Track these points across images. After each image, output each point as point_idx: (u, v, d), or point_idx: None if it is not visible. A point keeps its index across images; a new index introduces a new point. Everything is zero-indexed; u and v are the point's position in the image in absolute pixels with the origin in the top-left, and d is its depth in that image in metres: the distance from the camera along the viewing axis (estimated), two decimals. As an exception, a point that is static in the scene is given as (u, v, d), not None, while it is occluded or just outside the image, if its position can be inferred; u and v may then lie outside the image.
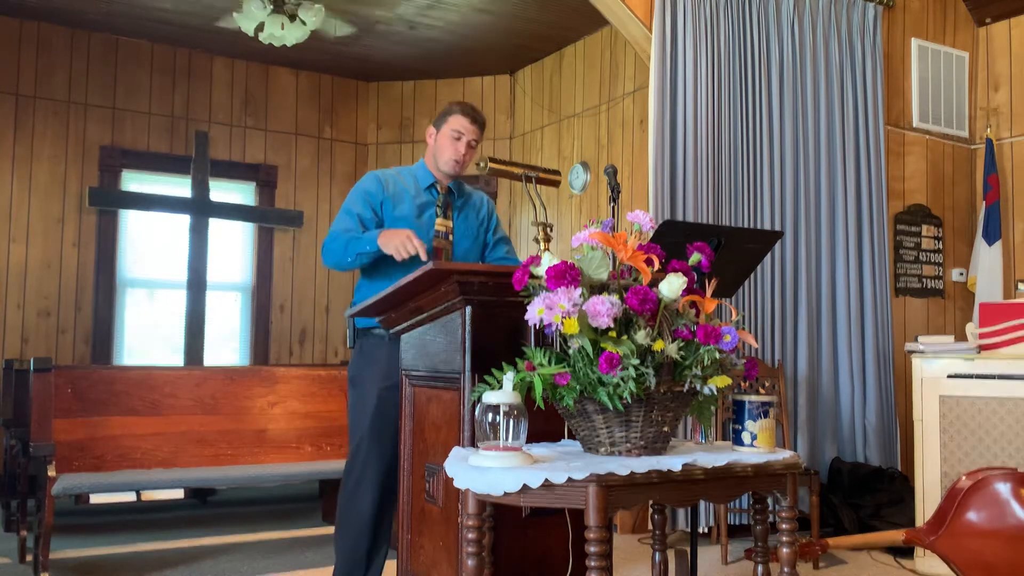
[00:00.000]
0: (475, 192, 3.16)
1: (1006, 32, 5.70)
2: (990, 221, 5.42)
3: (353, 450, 2.84)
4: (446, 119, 2.97)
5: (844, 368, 4.85)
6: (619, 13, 4.55)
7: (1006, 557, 2.91)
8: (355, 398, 2.88)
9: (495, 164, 2.68)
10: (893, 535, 3.43)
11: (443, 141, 2.96)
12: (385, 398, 2.77)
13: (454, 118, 2.95)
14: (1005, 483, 2.97)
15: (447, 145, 2.95)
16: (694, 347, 1.88)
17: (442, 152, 2.96)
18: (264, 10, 5.19)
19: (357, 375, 2.89)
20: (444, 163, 2.96)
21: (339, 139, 7.38)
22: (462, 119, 2.95)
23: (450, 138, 2.94)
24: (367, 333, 2.89)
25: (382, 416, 2.77)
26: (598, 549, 1.72)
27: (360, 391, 2.85)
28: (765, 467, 1.94)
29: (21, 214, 6.14)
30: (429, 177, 3.01)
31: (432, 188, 3.00)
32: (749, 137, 4.68)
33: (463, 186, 3.12)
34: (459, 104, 2.99)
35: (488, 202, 3.18)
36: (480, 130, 2.99)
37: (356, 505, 2.79)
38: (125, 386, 4.25)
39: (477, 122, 2.97)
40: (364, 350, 2.89)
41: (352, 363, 2.94)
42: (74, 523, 4.96)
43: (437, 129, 3.00)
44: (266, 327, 6.99)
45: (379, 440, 2.78)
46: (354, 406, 2.88)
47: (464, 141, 2.94)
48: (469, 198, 3.11)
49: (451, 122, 2.95)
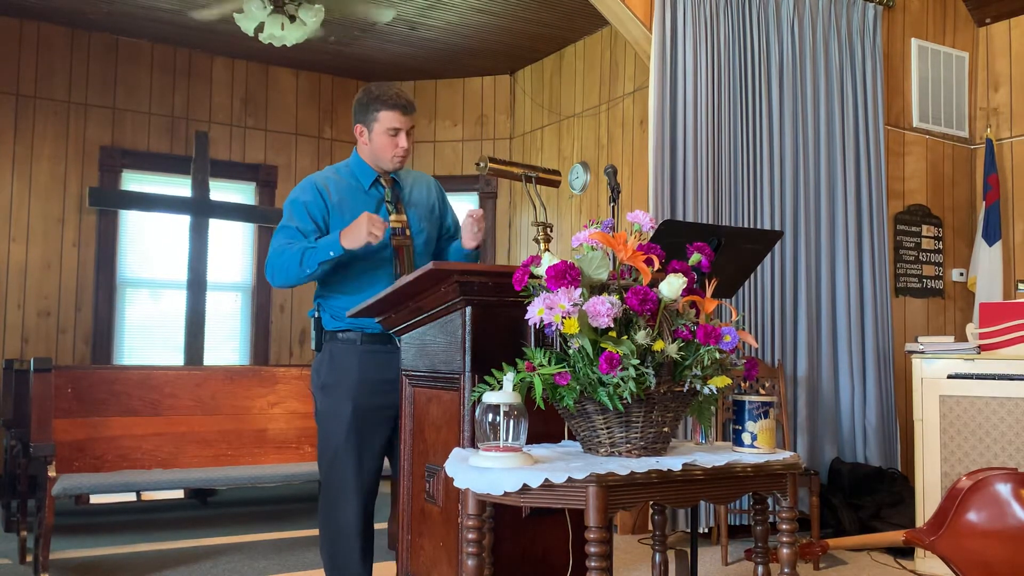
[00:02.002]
0: (418, 177, 2.96)
1: (1006, 32, 5.70)
2: (990, 221, 5.42)
3: (329, 460, 2.74)
4: (374, 116, 2.73)
5: (844, 368, 4.85)
6: (619, 13, 4.55)
7: (1006, 557, 2.91)
8: (327, 406, 2.75)
9: (495, 164, 2.67)
10: (893, 536, 3.43)
11: (379, 140, 2.74)
12: (360, 408, 2.68)
13: (383, 115, 2.72)
14: (1005, 483, 2.97)
15: (386, 144, 2.74)
16: (694, 347, 1.88)
17: (382, 152, 2.75)
18: (264, 10, 5.19)
19: (328, 383, 2.74)
20: (387, 162, 2.77)
21: (339, 139, 7.38)
22: (393, 114, 2.72)
23: (387, 137, 2.73)
24: (334, 337, 2.77)
25: (358, 427, 2.68)
26: (598, 549, 1.72)
27: (333, 400, 2.72)
28: (765, 467, 1.94)
29: (21, 214, 6.14)
30: (370, 173, 2.81)
31: (376, 184, 2.82)
32: (749, 137, 4.68)
33: (404, 173, 2.90)
34: (382, 96, 2.73)
35: (433, 184, 2.98)
36: (414, 114, 2.77)
37: (338, 516, 2.71)
38: (125, 386, 4.25)
39: (409, 110, 2.75)
40: (335, 356, 2.75)
41: (320, 368, 2.78)
42: (74, 523, 4.95)
43: (367, 128, 2.76)
44: (266, 327, 6.99)
45: (357, 451, 2.68)
46: (326, 415, 2.75)
47: (403, 135, 2.74)
48: (415, 185, 2.91)
49: (382, 119, 2.72)
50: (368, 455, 2.72)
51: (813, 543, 3.51)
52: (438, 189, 3.00)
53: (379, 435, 2.74)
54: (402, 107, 2.73)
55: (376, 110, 2.74)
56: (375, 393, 2.70)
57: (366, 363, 2.71)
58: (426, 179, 2.99)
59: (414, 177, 2.95)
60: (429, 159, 7.29)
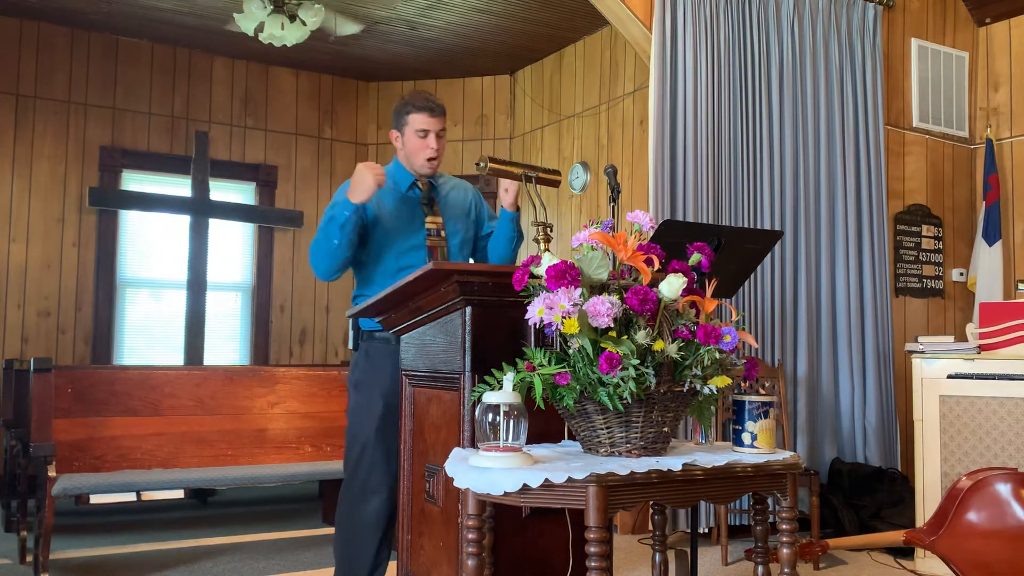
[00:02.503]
0: (457, 183, 3.06)
1: (1006, 32, 5.70)
2: (990, 221, 5.42)
3: (356, 457, 2.78)
4: (405, 119, 2.86)
5: (844, 368, 4.85)
6: (619, 13, 4.56)
7: (1006, 557, 2.91)
8: (358, 403, 2.81)
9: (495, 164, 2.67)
10: (893, 536, 3.43)
11: (411, 143, 2.86)
12: (392, 406, 2.71)
13: (413, 117, 2.85)
14: (1005, 483, 2.97)
15: (417, 146, 2.85)
16: (694, 347, 1.88)
17: (415, 155, 2.87)
18: (264, 10, 5.19)
19: (362, 380, 2.82)
20: (420, 165, 2.88)
21: (339, 139, 7.38)
22: (422, 116, 2.84)
23: (417, 138, 2.85)
24: (372, 336, 2.84)
25: (389, 424, 2.72)
26: (598, 549, 1.72)
27: (365, 397, 2.79)
28: (765, 467, 1.94)
29: (21, 214, 6.14)
30: (408, 176, 2.92)
31: (414, 187, 2.92)
32: (749, 137, 4.68)
33: (443, 178, 3.02)
34: (413, 100, 2.87)
35: (472, 190, 3.07)
36: (443, 118, 2.88)
37: (361, 513, 2.73)
38: (125, 386, 4.25)
39: (437, 112, 2.86)
40: (370, 355, 2.82)
41: (356, 367, 2.86)
42: (74, 523, 4.96)
43: (400, 132, 2.90)
44: (266, 327, 6.99)
45: (385, 449, 2.72)
46: (356, 411, 2.81)
47: (432, 136, 2.84)
48: (453, 190, 3.02)
49: (412, 122, 2.85)
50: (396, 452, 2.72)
51: (813, 543, 3.51)
52: (476, 195, 3.09)
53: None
54: (430, 109, 2.85)
55: (407, 113, 2.86)
56: None
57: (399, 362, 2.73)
58: (465, 185, 3.09)
59: (453, 183, 3.06)
60: (429, 159, 7.28)
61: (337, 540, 2.83)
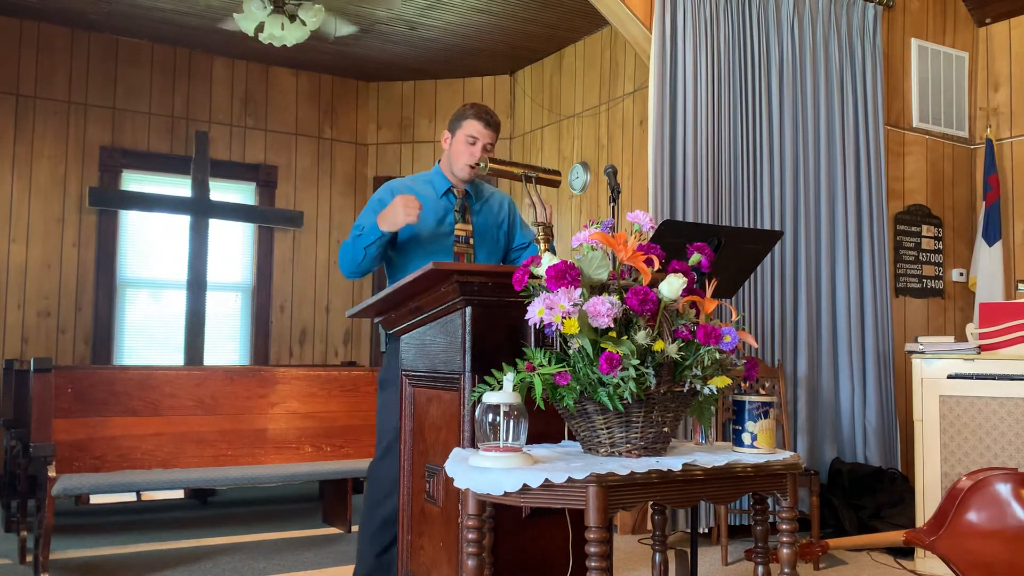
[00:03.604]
0: (495, 193, 3.13)
1: (1006, 32, 5.70)
2: (990, 221, 5.42)
3: (382, 452, 2.82)
4: (460, 123, 2.95)
5: (844, 368, 4.85)
6: (619, 13, 4.55)
7: (1006, 558, 2.91)
8: (382, 401, 2.86)
9: (495, 164, 2.67)
10: (893, 536, 3.43)
11: (458, 146, 2.95)
12: None
13: (468, 123, 2.93)
14: (1005, 483, 2.97)
15: (462, 151, 2.94)
16: (694, 347, 1.88)
17: (457, 157, 2.95)
18: (264, 10, 5.19)
19: (385, 378, 2.87)
20: (459, 169, 2.95)
21: (339, 139, 7.38)
22: (476, 123, 2.93)
23: (465, 143, 2.93)
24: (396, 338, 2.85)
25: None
26: (598, 549, 1.72)
27: (388, 395, 2.82)
28: (765, 467, 1.94)
29: (21, 214, 6.14)
30: (445, 183, 3.00)
31: (449, 193, 2.99)
32: (749, 137, 4.68)
33: (481, 188, 3.09)
34: (473, 108, 2.97)
35: (508, 203, 3.14)
36: (495, 133, 2.96)
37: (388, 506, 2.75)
38: (125, 386, 4.25)
39: (491, 125, 2.95)
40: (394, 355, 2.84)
41: (382, 366, 2.94)
42: (74, 523, 4.96)
43: (452, 134, 2.98)
44: (266, 327, 6.99)
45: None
46: (381, 409, 2.86)
47: (479, 145, 2.92)
48: (488, 200, 3.09)
49: (465, 127, 2.93)
50: None
51: (813, 543, 3.51)
52: (511, 207, 3.15)
53: None
54: (486, 120, 2.94)
55: (464, 118, 2.96)
56: None
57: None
58: (502, 198, 3.14)
59: (490, 193, 3.12)
60: (430, 159, 7.29)
61: (362, 533, 2.85)
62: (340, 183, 7.33)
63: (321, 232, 7.21)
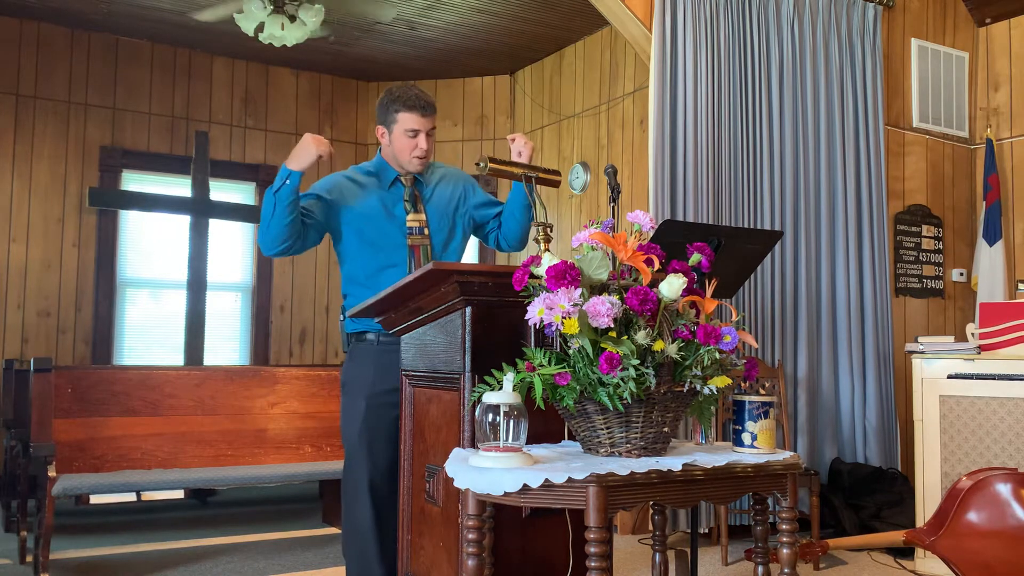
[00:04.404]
0: (447, 174, 2.94)
1: (1006, 32, 5.70)
2: (990, 221, 5.42)
3: (346, 459, 2.79)
4: (394, 117, 2.75)
5: (844, 368, 4.85)
6: (619, 13, 4.55)
7: (1006, 558, 2.91)
8: (344, 405, 2.82)
9: (495, 164, 2.66)
10: (893, 536, 3.43)
11: (399, 142, 2.76)
12: (373, 406, 2.71)
13: (403, 116, 2.74)
14: (1006, 483, 2.97)
15: (406, 146, 2.76)
16: (694, 347, 1.88)
17: (402, 153, 2.77)
18: (264, 10, 5.19)
19: (347, 381, 2.82)
20: (408, 163, 2.79)
21: (339, 139, 7.38)
22: (412, 115, 2.73)
23: (406, 138, 2.75)
24: (357, 339, 2.82)
25: (369, 424, 2.71)
26: (598, 550, 1.72)
27: (350, 398, 2.79)
28: (765, 467, 1.94)
29: (21, 214, 6.14)
30: (391, 172, 2.83)
31: (396, 182, 2.83)
32: (749, 137, 4.68)
33: (430, 171, 2.90)
34: (402, 97, 2.74)
35: (463, 180, 2.96)
36: (434, 116, 2.77)
37: (355, 513, 2.74)
38: (125, 386, 4.25)
39: (428, 111, 2.75)
40: (354, 356, 2.82)
41: (343, 368, 2.87)
42: (74, 523, 4.96)
43: (387, 128, 2.78)
44: (266, 327, 6.99)
45: (369, 449, 2.71)
46: (344, 414, 2.82)
47: (422, 136, 2.75)
48: (440, 184, 2.90)
49: (401, 121, 2.74)
50: (381, 453, 2.71)
51: (813, 543, 3.50)
52: (467, 185, 2.97)
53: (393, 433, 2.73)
54: (421, 108, 2.74)
55: (396, 111, 2.76)
56: (389, 392, 2.70)
57: (381, 363, 2.72)
58: (455, 176, 2.97)
59: (441, 175, 2.94)
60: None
61: (343, 538, 2.85)
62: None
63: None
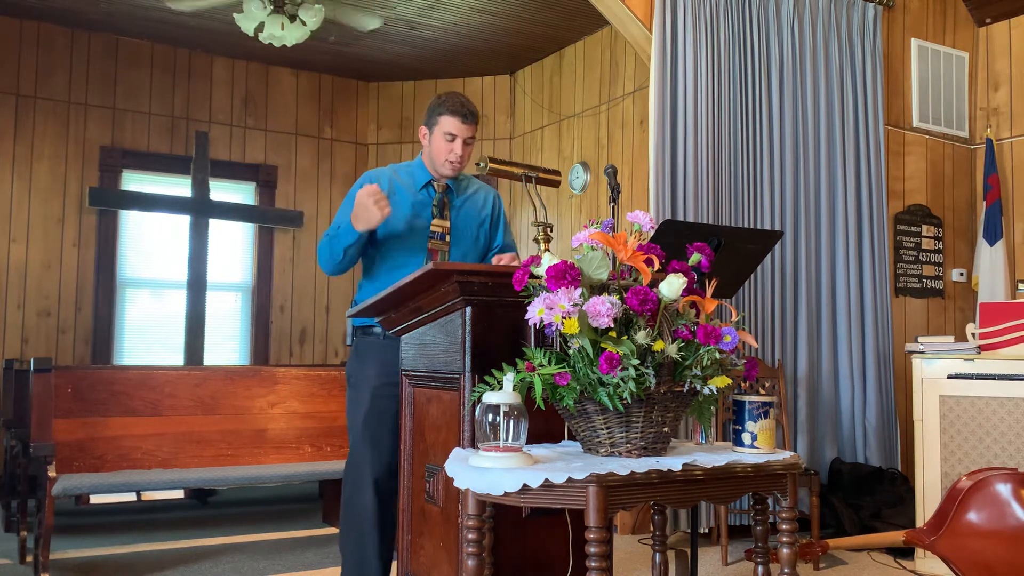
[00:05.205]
0: (481, 188, 3.03)
1: (1006, 32, 5.70)
2: (991, 221, 5.42)
3: (350, 451, 2.83)
4: (436, 120, 2.84)
5: (844, 368, 4.85)
6: (619, 13, 4.55)
7: (1006, 558, 2.91)
8: (350, 399, 2.86)
9: (495, 164, 2.67)
10: (893, 536, 3.43)
11: (437, 144, 2.84)
12: (378, 398, 2.75)
13: (444, 119, 2.82)
14: (1006, 483, 2.97)
15: (442, 149, 2.83)
16: (694, 347, 1.88)
17: (438, 156, 2.85)
18: (264, 10, 5.19)
19: (352, 375, 2.87)
20: (441, 166, 2.85)
21: (339, 139, 7.38)
22: (453, 120, 2.81)
23: (443, 141, 2.82)
24: (364, 332, 2.87)
25: (375, 417, 2.75)
26: (598, 549, 1.72)
27: (355, 391, 2.84)
28: (765, 467, 1.94)
29: (21, 214, 6.14)
30: (426, 175, 2.91)
31: (429, 186, 2.90)
32: (749, 137, 4.68)
33: (467, 183, 3.00)
34: (447, 102, 2.84)
35: (495, 200, 3.04)
36: (474, 126, 2.85)
37: (356, 507, 2.76)
38: (125, 386, 4.25)
39: (469, 119, 2.83)
40: (360, 350, 2.87)
41: (349, 362, 2.92)
42: (74, 523, 4.95)
43: (429, 130, 2.88)
44: (266, 327, 6.99)
45: (373, 441, 2.74)
46: (350, 406, 2.86)
47: (459, 142, 2.82)
48: (472, 196, 2.98)
49: (442, 124, 2.82)
50: (384, 449, 2.74)
51: (813, 543, 3.50)
52: (496, 205, 3.04)
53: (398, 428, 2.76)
54: (462, 115, 2.81)
55: (439, 114, 2.83)
56: (395, 386, 2.71)
57: (387, 358, 2.74)
58: (487, 193, 3.03)
59: (475, 188, 3.01)
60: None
61: (341, 532, 2.86)
62: (340, 183, 7.33)
63: (321, 232, 7.20)
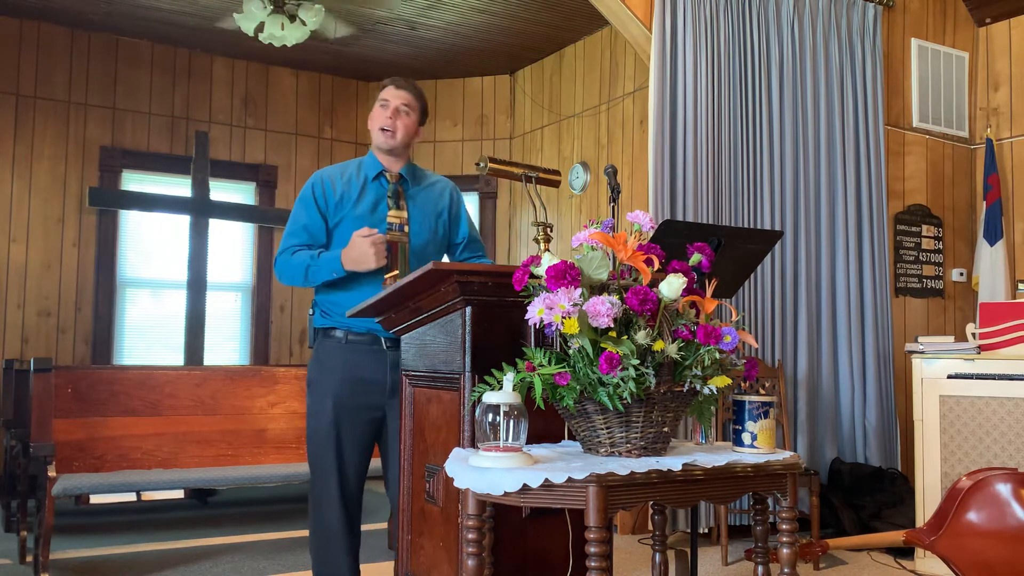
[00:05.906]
0: (438, 180, 2.94)
1: (1006, 32, 5.70)
2: (991, 221, 5.42)
3: (313, 458, 2.73)
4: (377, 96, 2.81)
5: (844, 368, 4.85)
6: (619, 13, 4.56)
7: (1006, 557, 2.91)
8: (311, 404, 2.76)
9: (495, 164, 2.66)
10: (893, 536, 3.43)
11: (373, 113, 2.79)
12: (341, 406, 2.67)
13: (382, 92, 2.79)
14: (1005, 483, 2.97)
15: (375, 115, 2.77)
16: (694, 347, 1.88)
17: (372, 123, 2.79)
18: (264, 10, 5.19)
19: (313, 380, 2.76)
20: (376, 137, 2.78)
21: (339, 139, 7.38)
22: (387, 88, 2.77)
23: (378, 108, 2.77)
24: (325, 335, 2.77)
25: (339, 426, 2.67)
26: (598, 549, 1.72)
27: (316, 398, 2.73)
28: (765, 467, 1.94)
29: (21, 214, 6.14)
30: (376, 166, 2.81)
31: (381, 177, 2.80)
32: (749, 137, 4.68)
33: (420, 173, 2.90)
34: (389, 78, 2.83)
35: (452, 191, 2.94)
36: (409, 94, 2.77)
37: (323, 516, 2.69)
38: (125, 386, 4.25)
39: (403, 87, 2.77)
40: (319, 354, 2.76)
41: (309, 367, 2.80)
42: (74, 523, 4.95)
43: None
44: (266, 327, 6.98)
45: (337, 450, 2.67)
46: (310, 413, 2.76)
47: (392, 107, 2.74)
48: (427, 187, 2.88)
49: (379, 97, 2.79)
50: (350, 455, 2.68)
51: (813, 543, 3.50)
52: (454, 196, 2.95)
53: (362, 435, 2.71)
54: (395, 83, 2.78)
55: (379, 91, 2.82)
56: (357, 392, 2.68)
57: (349, 362, 2.69)
58: (444, 184, 2.95)
59: (430, 180, 2.93)
60: (429, 159, 7.29)
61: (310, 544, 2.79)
62: (340, 183, 7.32)
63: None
